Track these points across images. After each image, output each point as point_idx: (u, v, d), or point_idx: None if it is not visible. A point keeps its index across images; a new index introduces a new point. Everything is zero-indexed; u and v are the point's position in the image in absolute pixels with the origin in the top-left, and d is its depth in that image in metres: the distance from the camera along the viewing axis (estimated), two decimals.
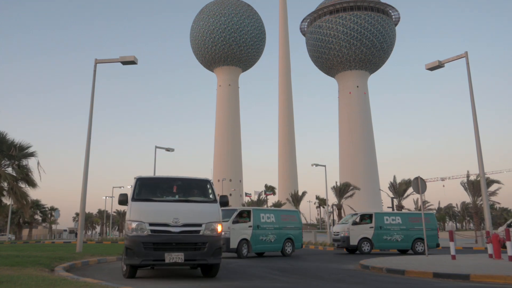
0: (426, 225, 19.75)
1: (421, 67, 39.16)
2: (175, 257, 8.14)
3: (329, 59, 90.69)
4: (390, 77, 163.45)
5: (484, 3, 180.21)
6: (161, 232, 8.25)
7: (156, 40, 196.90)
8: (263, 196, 71.51)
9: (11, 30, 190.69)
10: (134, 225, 8.26)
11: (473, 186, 32.46)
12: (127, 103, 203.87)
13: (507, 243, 12.59)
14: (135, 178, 9.25)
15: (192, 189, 9.42)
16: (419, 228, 20.21)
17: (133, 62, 17.44)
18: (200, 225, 8.43)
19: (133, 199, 8.66)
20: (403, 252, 21.18)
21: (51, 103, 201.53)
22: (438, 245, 21.08)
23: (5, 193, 17.85)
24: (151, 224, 8.24)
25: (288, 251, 18.96)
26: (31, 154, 18.90)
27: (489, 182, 32.61)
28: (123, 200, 8.75)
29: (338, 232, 20.89)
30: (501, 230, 22.93)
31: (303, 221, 59.15)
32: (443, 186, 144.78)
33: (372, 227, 20.30)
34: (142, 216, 8.32)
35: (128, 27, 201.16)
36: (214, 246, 8.44)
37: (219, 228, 8.67)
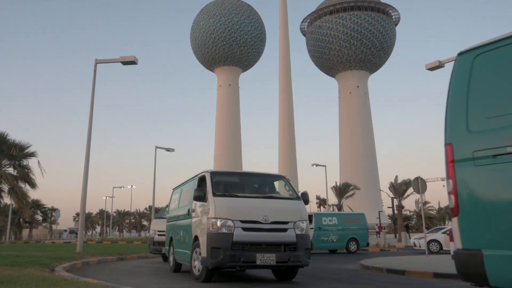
0: (358, 225, 21.66)
1: (421, 67, 39.20)
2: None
3: (329, 59, 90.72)
4: (390, 77, 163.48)
5: (484, 3, 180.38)
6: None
7: (156, 40, 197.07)
8: None
9: (11, 30, 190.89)
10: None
11: None
12: (127, 103, 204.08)
13: None
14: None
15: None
16: (354, 228, 21.63)
17: (133, 62, 17.45)
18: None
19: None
20: (333, 252, 22.04)
21: (51, 103, 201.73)
22: (368, 244, 22.25)
23: (5, 193, 17.88)
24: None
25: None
26: (32, 154, 18.93)
27: None
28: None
29: None
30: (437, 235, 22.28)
31: None
32: (443, 186, 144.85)
33: (312, 228, 20.57)
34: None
35: (128, 27, 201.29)
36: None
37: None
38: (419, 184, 15.81)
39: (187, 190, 9.63)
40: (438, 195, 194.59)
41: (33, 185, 18.69)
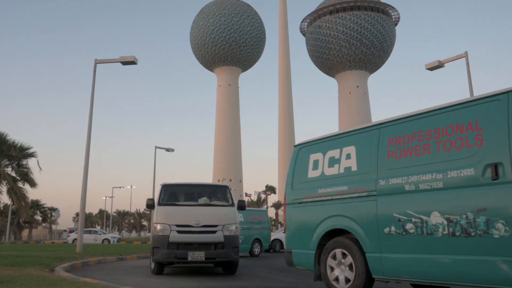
0: (261, 224, 19.01)
1: (421, 67, 39.16)
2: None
3: (329, 59, 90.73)
4: (390, 77, 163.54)
5: (484, 3, 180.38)
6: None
7: (156, 40, 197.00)
8: (263, 196, 71.48)
9: (11, 30, 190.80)
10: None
11: None
12: (127, 103, 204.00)
13: None
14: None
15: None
16: (258, 227, 18.71)
17: (133, 62, 17.44)
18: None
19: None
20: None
21: (51, 103, 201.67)
22: (270, 247, 20.02)
23: (2, 194, 17.90)
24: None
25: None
26: (31, 155, 18.94)
27: None
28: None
29: None
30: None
31: None
32: None
33: None
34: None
35: (128, 27, 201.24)
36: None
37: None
38: None
39: (435, 131, 10.60)
40: None
41: (33, 183, 18.71)
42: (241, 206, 9.91)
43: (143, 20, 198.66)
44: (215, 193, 10.38)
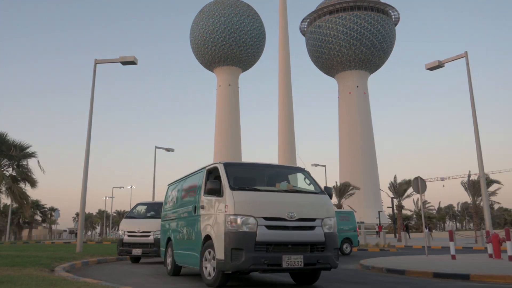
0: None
1: (421, 67, 39.21)
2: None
3: (329, 59, 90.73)
4: (390, 77, 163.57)
5: (484, 3, 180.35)
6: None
7: (156, 40, 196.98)
8: None
9: (11, 30, 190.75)
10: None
11: (473, 186, 32.48)
12: (127, 103, 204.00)
13: (507, 243, 12.59)
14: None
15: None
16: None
17: (133, 62, 17.45)
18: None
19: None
20: None
21: (51, 103, 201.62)
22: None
23: (3, 194, 17.90)
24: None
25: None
26: (31, 155, 18.96)
27: (489, 182, 32.62)
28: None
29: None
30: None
31: None
32: (443, 186, 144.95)
33: None
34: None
35: (128, 27, 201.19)
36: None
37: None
38: (419, 184, 15.80)
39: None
40: (438, 195, 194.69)
41: (33, 183, 18.71)
42: (330, 195, 7.52)
43: (143, 20, 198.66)
44: (289, 178, 7.98)
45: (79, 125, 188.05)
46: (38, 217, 64.70)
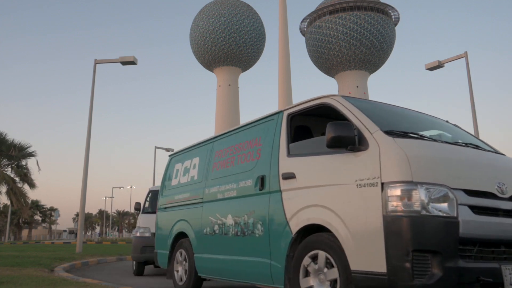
0: None
1: (421, 67, 39.21)
2: None
3: (328, 59, 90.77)
4: (390, 77, 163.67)
5: (484, 3, 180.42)
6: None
7: (156, 40, 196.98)
8: None
9: (12, 30, 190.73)
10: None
11: None
12: (127, 103, 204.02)
13: None
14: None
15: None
16: None
17: (132, 63, 17.44)
18: None
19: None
20: None
21: (51, 103, 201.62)
22: None
23: (2, 194, 17.91)
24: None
25: None
26: (31, 154, 18.96)
27: None
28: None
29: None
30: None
31: None
32: None
33: None
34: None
35: (128, 27, 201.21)
36: None
37: None
38: None
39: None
40: None
41: (32, 185, 18.71)
42: None
43: (143, 20, 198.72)
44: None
45: (79, 125, 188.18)
46: (38, 217, 64.69)
